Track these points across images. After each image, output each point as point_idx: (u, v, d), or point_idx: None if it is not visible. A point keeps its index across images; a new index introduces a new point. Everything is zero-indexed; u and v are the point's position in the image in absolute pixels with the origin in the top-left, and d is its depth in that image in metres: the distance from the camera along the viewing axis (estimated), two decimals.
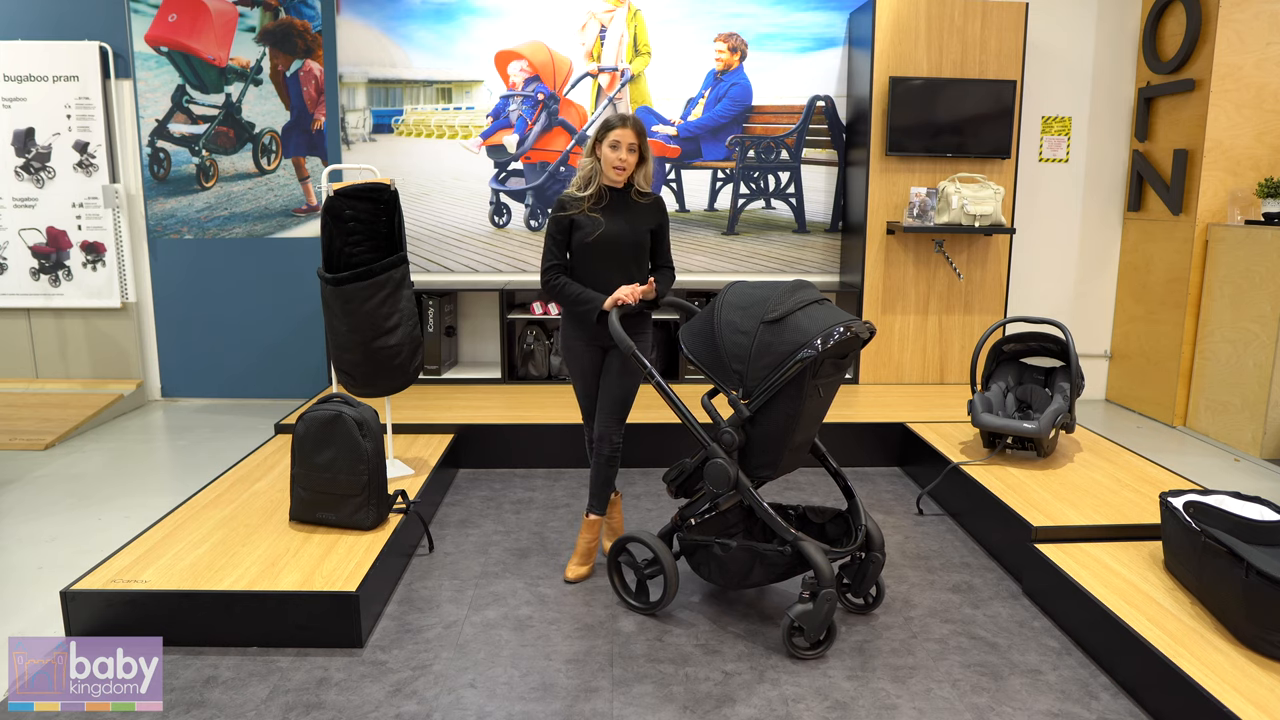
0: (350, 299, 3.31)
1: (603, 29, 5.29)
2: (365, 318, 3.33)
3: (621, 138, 2.93)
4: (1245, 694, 2.15)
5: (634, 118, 2.97)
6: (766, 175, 5.45)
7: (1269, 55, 4.80)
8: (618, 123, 2.94)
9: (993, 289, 5.24)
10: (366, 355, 3.37)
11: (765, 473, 2.74)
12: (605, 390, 3.09)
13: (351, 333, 3.35)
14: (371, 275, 3.30)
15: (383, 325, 3.35)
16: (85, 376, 5.54)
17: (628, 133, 2.93)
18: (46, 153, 5.30)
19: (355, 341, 3.36)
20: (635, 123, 2.96)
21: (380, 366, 3.41)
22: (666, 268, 3.18)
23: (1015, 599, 3.01)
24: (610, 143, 2.95)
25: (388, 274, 3.34)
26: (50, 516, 3.71)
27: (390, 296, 3.36)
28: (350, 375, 3.45)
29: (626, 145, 2.94)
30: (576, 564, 3.13)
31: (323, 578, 2.71)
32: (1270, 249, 4.47)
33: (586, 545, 3.16)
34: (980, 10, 4.96)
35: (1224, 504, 2.67)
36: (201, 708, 2.35)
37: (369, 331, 3.34)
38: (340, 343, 3.40)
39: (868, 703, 2.40)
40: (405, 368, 3.47)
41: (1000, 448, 3.81)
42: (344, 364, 3.44)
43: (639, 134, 2.96)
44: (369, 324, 3.34)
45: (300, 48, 5.26)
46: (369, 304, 3.31)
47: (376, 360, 3.39)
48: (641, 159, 3.01)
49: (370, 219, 3.51)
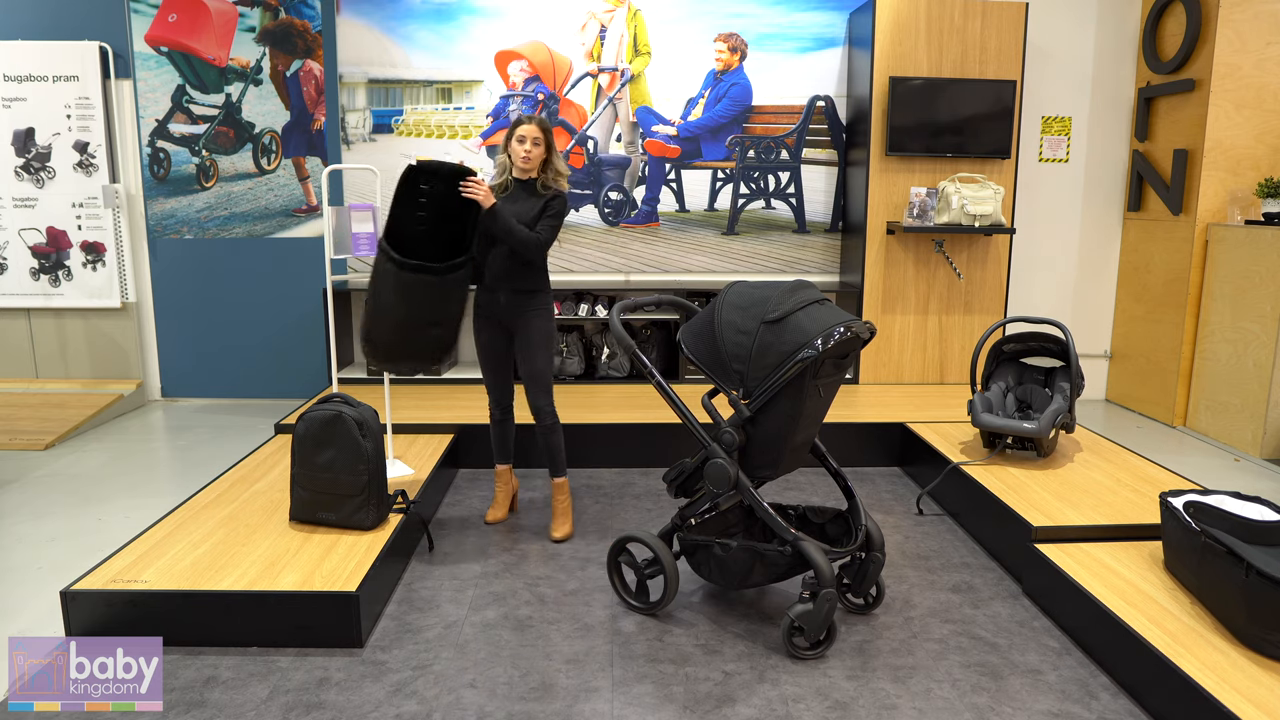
0: (407, 285, 3.14)
1: (603, 29, 5.29)
2: (416, 307, 3.17)
3: (526, 133, 3.22)
4: (1245, 694, 2.15)
5: (539, 116, 3.34)
6: (766, 175, 5.45)
7: (1269, 55, 4.80)
8: (524, 119, 3.25)
9: (993, 289, 5.24)
10: (402, 337, 3.23)
11: (765, 473, 2.74)
12: (525, 364, 3.37)
13: (394, 310, 3.18)
14: (437, 273, 3.12)
15: (430, 316, 3.21)
16: (85, 376, 5.54)
17: (532, 128, 3.22)
18: (46, 153, 5.30)
19: (397, 321, 3.19)
20: (540, 121, 3.26)
21: (411, 350, 3.27)
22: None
23: (1015, 599, 3.01)
24: (517, 137, 3.23)
25: (454, 274, 3.17)
26: (50, 516, 3.71)
27: (447, 295, 3.21)
28: (374, 345, 3.29)
29: (531, 139, 3.22)
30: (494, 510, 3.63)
31: (323, 578, 2.71)
32: (1270, 249, 4.47)
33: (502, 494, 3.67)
34: (980, 10, 4.96)
35: (1224, 504, 2.67)
36: (201, 708, 2.35)
37: (416, 317, 3.19)
38: (380, 313, 3.23)
39: (868, 703, 2.40)
40: (434, 356, 3.31)
41: (1000, 448, 3.81)
42: (374, 334, 3.27)
43: (543, 129, 3.25)
44: (418, 312, 3.18)
45: (300, 48, 5.26)
46: (423, 294, 3.16)
47: (410, 343, 3.24)
48: (548, 152, 3.28)
49: (444, 201, 3.26)
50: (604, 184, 5.42)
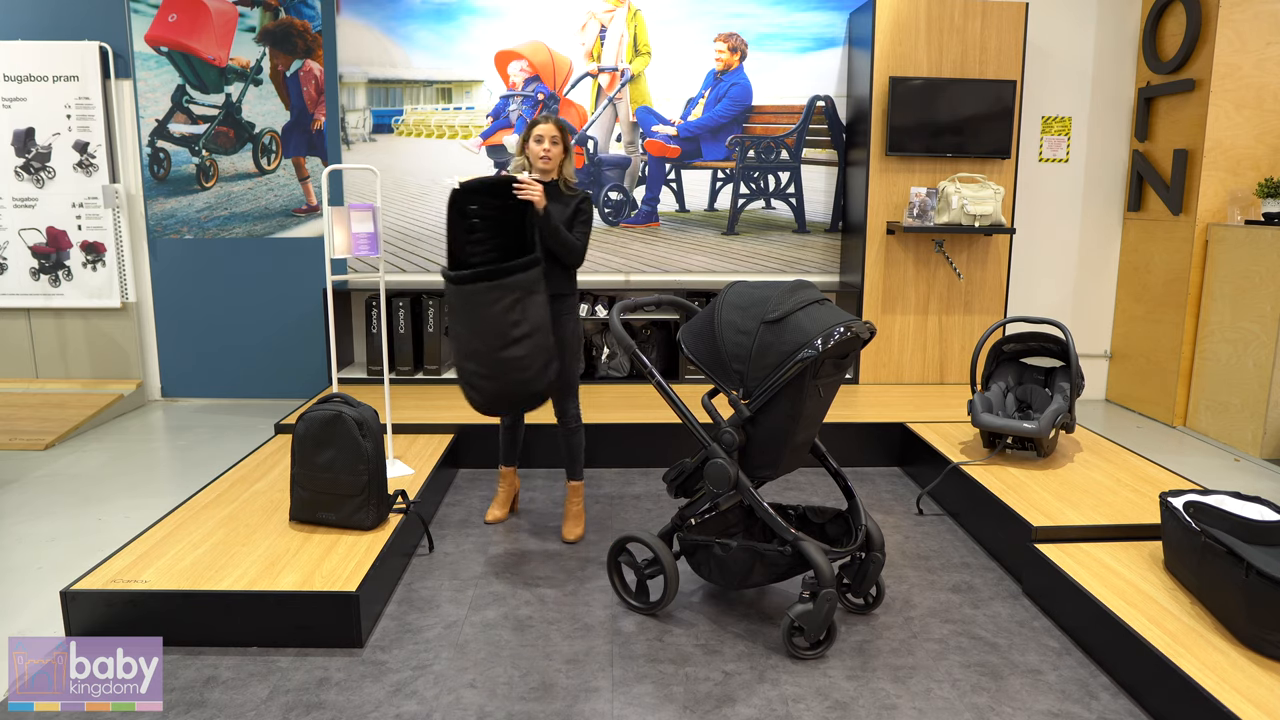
0: (473, 301, 3.01)
1: (603, 29, 5.29)
2: (490, 324, 3.00)
3: (544, 132, 3.21)
4: (1245, 694, 2.15)
5: (555, 115, 3.31)
6: (766, 175, 5.45)
7: (1269, 55, 4.80)
8: (540, 119, 3.24)
9: (993, 289, 5.24)
10: (492, 366, 3.04)
11: (765, 473, 2.75)
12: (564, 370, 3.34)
13: (474, 338, 3.05)
14: (496, 276, 2.98)
15: (509, 334, 3.01)
16: (85, 376, 5.54)
17: (550, 126, 3.22)
18: (46, 153, 5.30)
19: (478, 349, 3.04)
20: (558, 119, 3.26)
21: (506, 380, 3.08)
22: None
23: (1015, 599, 3.01)
24: (535, 137, 3.22)
25: (515, 277, 3.00)
26: (50, 516, 3.71)
27: (519, 303, 3.01)
28: (473, 388, 3.13)
29: (549, 138, 3.21)
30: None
31: (323, 578, 2.71)
32: (1270, 249, 4.47)
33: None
34: (980, 10, 4.96)
35: (1224, 504, 2.67)
36: (201, 708, 2.35)
37: (494, 339, 3.01)
38: (463, 349, 3.10)
39: (868, 703, 2.40)
40: (534, 384, 3.11)
41: (1000, 448, 3.81)
42: (466, 374, 3.12)
43: (561, 128, 3.24)
44: (494, 331, 3.00)
45: (300, 48, 5.26)
46: (494, 309, 2.99)
47: (502, 372, 3.05)
48: (565, 151, 3.27)
49: (498, 216, 3.17)
50: (604, 184, 5.42)
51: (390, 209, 5.39)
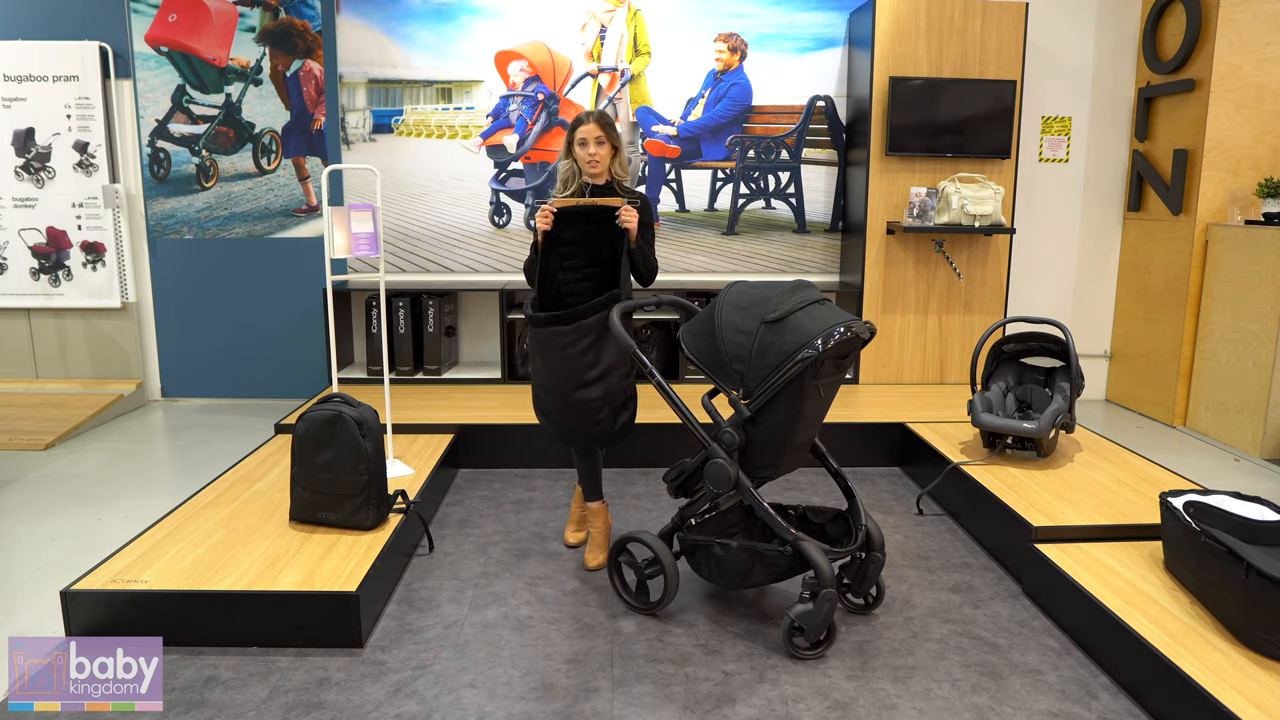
0: (548, 343, 2.99)
1: (603, 29, 5.29)
2: (566, 364, 2.99)
3: (588, 134, 3.00)
4: (1245, 694, 2.15)
5: (597, 111, 3.04)
6: (766, 175, 5.45)
7: (1269, 55, 4.80)
8: (583, 119, 3.01)
9: (993, 289, 5.24)
10: (564, 405, 3.05)
11: (766, 473, 2.74)
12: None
13: (548, 375, 3.04)
14: (574, 320, 2.94)
15: (583, 376, 2.99)
16: (85, 376, 5.54)
17: (592, 127, 3.00)
18: (46, 153, 5.30)
19: (553, 387, 3.05)
20: (599, 115, 3.02)
21: (577, 421, 3.07)
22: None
23: (1015, 599, 3.01)
24: (579, 141, 3.03)
25: (595, 317, 2.95)
26: (50, 516, 3.71)
27: (595, 344, 2.97)
28: (547, 418, 3.16)
29: (594, 139, 3.01)
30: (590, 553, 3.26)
31: (323, 578, 2.71)
32: (1270, 249, 4.47)
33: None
34: (980, 10, 4.96)
35: (1224, 504, 2.67)
36: (201, 708, 2.35)
37: (568, 381, 3.00)
38: (540, 383, 3.12)
39: (868, 703, 2.40)
40: (604, 426, 3.08)
41: (1000, 448, 3.81)
42: (542, 405, 3.16)
43: (604, 125, 3.02)
44: (568, 372, 2.99)
45: (300, 48, 5.26)
46: (569, 350, 2.96)
47: (574, 412, 3.06)
48: (614, 150, 3.07)
49: (590, 241, 3.05)
50: None
51: (390, 209, 5.39)
